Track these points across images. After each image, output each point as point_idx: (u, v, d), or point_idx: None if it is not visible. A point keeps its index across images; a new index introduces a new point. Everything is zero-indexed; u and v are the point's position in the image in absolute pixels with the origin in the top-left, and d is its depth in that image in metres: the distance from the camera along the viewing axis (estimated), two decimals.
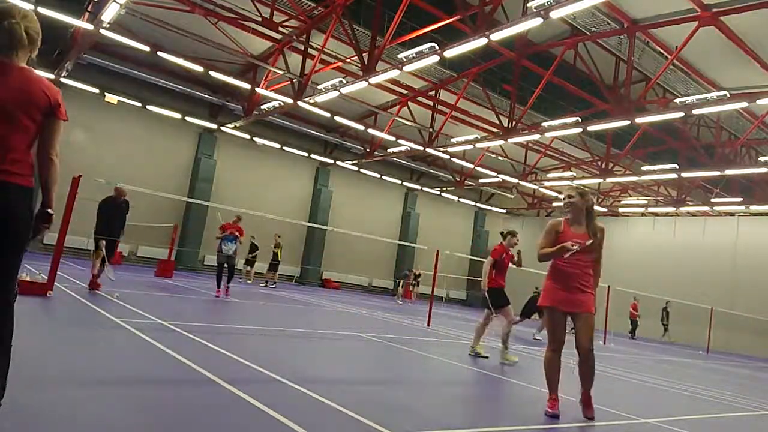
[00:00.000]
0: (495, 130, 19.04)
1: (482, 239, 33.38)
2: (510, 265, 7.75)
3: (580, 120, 16.03)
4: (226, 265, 11.08)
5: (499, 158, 24.20)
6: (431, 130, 20.46)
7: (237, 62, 18.46)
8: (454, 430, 3.52)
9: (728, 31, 12.16)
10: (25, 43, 2.46)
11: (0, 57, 2.42)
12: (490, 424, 4.07)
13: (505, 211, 33.46)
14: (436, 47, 12.32)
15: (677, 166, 19.14)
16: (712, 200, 22.92)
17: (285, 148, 23.75)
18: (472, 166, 23.04)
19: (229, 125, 21.29)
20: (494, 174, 23.99)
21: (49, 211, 2.54)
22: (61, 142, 2.60)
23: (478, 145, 19.60)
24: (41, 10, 12.21)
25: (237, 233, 11.10)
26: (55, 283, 7.40)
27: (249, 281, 19.03)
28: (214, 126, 21.67)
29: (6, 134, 2.38)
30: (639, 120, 14.82)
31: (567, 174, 23.37)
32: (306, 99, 16.61)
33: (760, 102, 12.76)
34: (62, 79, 17.40)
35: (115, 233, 9.32)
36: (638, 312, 22.10)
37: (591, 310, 4.44)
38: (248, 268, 19.21)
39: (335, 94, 15.67)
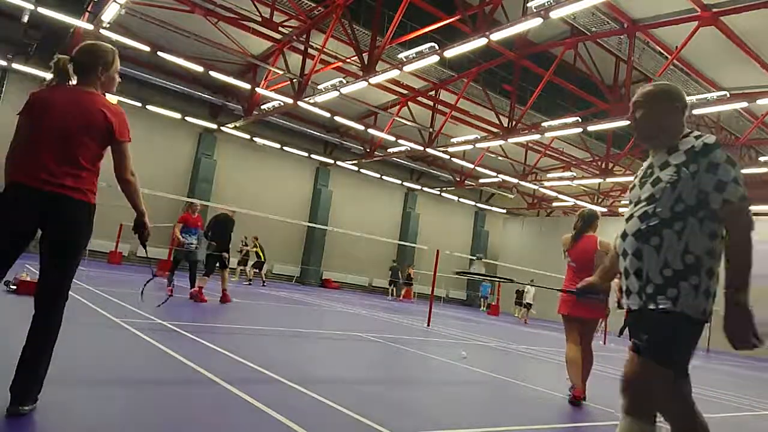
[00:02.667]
0: (495, 130, 19.04)
1: (482, 239, 33.39)
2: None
3: (580, 120, 16.04)
4: (187, 263, 10.39)
5: (499, 158, 24.20)
6: (431, 130, 20.45)
7: (237, 62, 18.47)
8: (454, 430, 3.53)
9: (728, 31, 12.16)
10: (70, 73, 2.76)
11: (62, 84, 2.77)
12: (490, 424, 4.06)
13: (505, 211, 33.47)
14: (436, 47, 12.33)
15: None
16: None
17: (285, 148, 23.76)
18: (472, 166, 23.04)
19: (229, 125, 21.29)
20: (494, 174, 23.99)
21: (143, 219, 2.92)
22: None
23: (478, 145, 19.60)
24: (41, 10, 12.22)
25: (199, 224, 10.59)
26: None
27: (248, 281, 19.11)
28: (214, 126, 21.68)
29: (66, 152, 2.61)
30: None
31: (567, 174, 23.37)
32: (306, 99, 16.61)
33: (760, 102, 12.78)
34: None
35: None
36: None
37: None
38: (242, 267, 19.37)
39: (335, 94, 15.67)
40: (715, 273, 2.10)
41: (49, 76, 2.79)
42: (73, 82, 2.80)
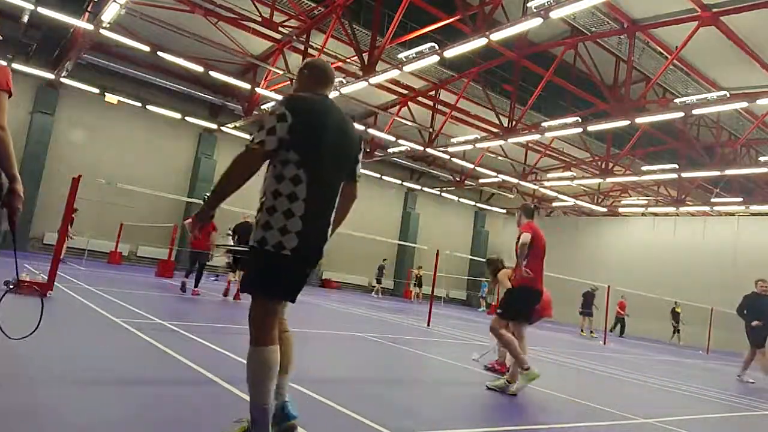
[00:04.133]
0: (495, 130, 19.03)
1: (482, 239, 33.39)
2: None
3: (580, 120, 16.03)
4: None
5: (499, 158, 24.19)
6: (431, 130, 20.45)
7: (237, 62, 18.46)
8: (453, 430, 3.53)
9: (728, 31, 12.15)
10: None
11: None
12: (489, 424, 4.07)
13: (505, 211, 33.46)
14: (436, 47, 12.32)
15: (677, 166, 19.14)
16: (712, 200, 22.91)
17: None
18: (472, 166, 23.03)
19: (229, 125, 21.28)
20: (494, 174, 23.98)
21: (15, 186, 2.46)
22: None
23: (478, 145, 19.60)
24: (41, 10, 12.22)
25: None
26: (55, 283, 7.40)
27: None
28: (214, 126, 21.67)
29: None
30: (639, 120, 14.82)
31: (567, 174, 23.37)
32: None
33: (760, 102, 12.77)
34: (62, 79, 17.38)
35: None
36: (626, 311, 22.07)
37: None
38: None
39: (335, 94, 15.66)
40: (277, 210, 2.46)
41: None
42: None
